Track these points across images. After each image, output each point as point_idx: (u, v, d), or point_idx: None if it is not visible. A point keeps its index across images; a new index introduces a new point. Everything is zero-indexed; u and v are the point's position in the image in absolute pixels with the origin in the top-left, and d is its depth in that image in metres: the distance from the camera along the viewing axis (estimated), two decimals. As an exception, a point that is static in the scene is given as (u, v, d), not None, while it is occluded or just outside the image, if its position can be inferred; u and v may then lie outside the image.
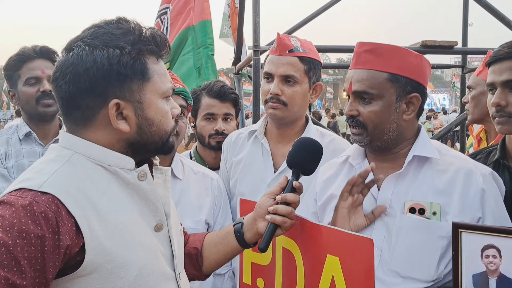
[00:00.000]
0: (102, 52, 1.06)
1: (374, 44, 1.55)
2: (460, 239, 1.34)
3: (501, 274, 1.28)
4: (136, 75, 1.09)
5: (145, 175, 1.15)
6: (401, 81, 1.51)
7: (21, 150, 2.19)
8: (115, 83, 1.08)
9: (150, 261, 1.12)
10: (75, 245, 1.01)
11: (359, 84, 1.52)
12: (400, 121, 1.54)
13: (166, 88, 1.17)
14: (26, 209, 0.96)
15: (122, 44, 1.07)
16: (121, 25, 1.10)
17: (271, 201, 1.37)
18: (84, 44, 1.07)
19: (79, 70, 1.06)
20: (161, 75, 1.15)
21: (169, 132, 1.19)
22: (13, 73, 2.18)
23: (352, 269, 1.24)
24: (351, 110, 1.55)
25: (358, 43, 1.59)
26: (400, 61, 1.51)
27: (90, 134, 1.12)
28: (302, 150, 1.41)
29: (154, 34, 1.13)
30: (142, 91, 1.11)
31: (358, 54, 1.57)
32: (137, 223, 1.13)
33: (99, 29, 1.10)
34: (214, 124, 2.27)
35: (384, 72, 1.51)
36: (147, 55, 1.12)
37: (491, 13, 3.77)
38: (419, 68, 1.54)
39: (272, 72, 1.96)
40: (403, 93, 1.51)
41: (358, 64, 1.56)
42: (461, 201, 1.46)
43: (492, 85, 1.69)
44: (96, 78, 1.06)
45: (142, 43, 1.10)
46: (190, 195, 1.96)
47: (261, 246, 1.31)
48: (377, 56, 1.52)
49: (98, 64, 1.05)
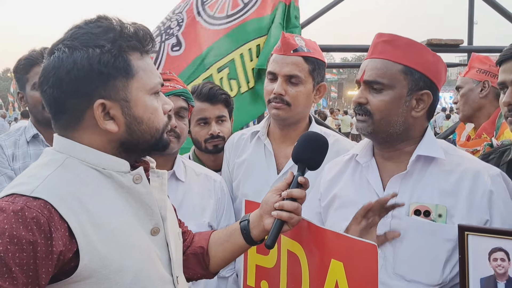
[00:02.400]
0: (81, 52, 1.04)
1: (393, 36, 1.53)
2: (467, 242, 1.31)
3: (510, 277, 1.25)
4: (119, 72, 1.07)
5: (140, 178, 1.13)
6: (414, 75, 1.49)
7: (28, 152, 2.21)
8: (98, 83, 1.06)
9: (146, 266, 1.11)
10: (68, 251, 0.99)
11: (372, 73, 1.50)
12: (408, 116, 1.51)
13: (154, 84, 1.14)
14: (17, 215, 0.95)
15: (102, 43, 1.05)
16: (101, 24, 1.09)
17: (277, 197, 1.35)
18: (64, 46, 1.06)
19: (60, 74, 1.05)
20: (146, 71, 1.13)
21: (161, 129, 1.17)
22: (22, 76, 2.21)
23: (356, 274, 1.23)
24: (360, 97, 1.53)
25: (377, 34, 1.58)
26: (417, 56, 1.49)
27: (80, 137, 1.10)
28: (307, 145, 1.39)
29: (137, 29, 1.11)
30: (128, 89, 1.09)
31: (375, 44, 1.55)
32: (133, 227, 1.11)
33: (78, 29, 1.08)
34: (208, 128, 2.23)
35: (399, 63, 1.49)
36: (130, 51, 1.09)
37: (497, 10, 3.74)
38: (435, 67, 1.52)
39: (276, 71, 1.93)
40: (415, 88, 1.49)
41: (374, 53, 1.54)
42: (468, 203, 1.43)
43: (503, 84, 1.66)
44: (78, 80, 1.04)
45: (123, 39, 1.08)
46: (192, 197, 1.94)
47: (268, 243, 1.29)
48: (395, 47, 1.50)
49: (78, 65, 1.04)
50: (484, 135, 2.48)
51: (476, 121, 2.63)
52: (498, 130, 2.43)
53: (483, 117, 2.57)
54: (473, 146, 2.49)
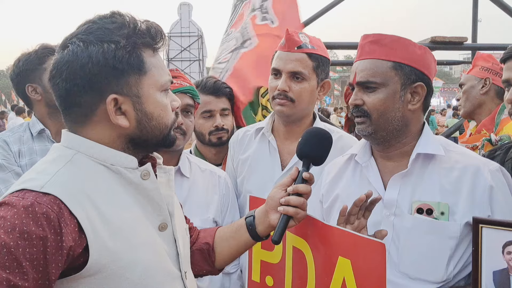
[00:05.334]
0: (97, 47, 1.04)
1: (378, 35, 1.54)
2: (481, 234, 1.30)
3: (523, 271, 1.24)
4: (133, 69, 1.08)
5: (148, 174, 1.14)
6: (405, 69, 1.49)
7: (34, 148, 2.18)
8: (112, 78, 1.06)
9: (154, 261, 1.11)
10: (78, 246, 0.99)
11: (363, 74, 1.51)
12: (405, 111, 1.51)
13: (164, 81, 1.15)
14: (27, 210, 0.95)
15: (117, 38, 1.06)
16: (115, 19, 1.09)
17: (283, 192, 1.35)
18: (79, 40, 1.06)
19: (74, 67, 1.05)
20: (158, 68, 1.14)
21: (169, 125, 1.18)
22: (37, 66, 2.15)
23: (363, 272, 1.22)
24: (355, 99, 1.53)
25: (362, 36, 1.59)
26: (404, 51, 1.50)
27: (91, 132, 1.11)
28: (311, 140, 1.39)
29: (149, 26, 1.12)
30: (140, 85, 1.10)
31: (362, 45, 1.57)
32: (141, 222, 1.12)
33: (93, 24, 1.08)
34: (213, 120, 2.24)
35: (388, 60, 1.50)
36: (143, 48, 1.10)
37: (502, 8, 3.72)
38: (423, 58, 1.52)
39: (280, 68, 1.93)
40: (407, 82, 1.50)
41: (362, 55, 1.55)
42: (469, 200, 1.43)
43: (507, 82, 1.67)
44: (92, 74, 1.05)
45: (137, 36, 1.09)
46: (197, 193, 1.94)
47: (274, 238, 1.29)
48: (381, 46, 1.51)
49: (94, 59, 1.04)
50: (483, 131, 2.51)
51: (477, 117, 2.67)
52: (498, 126, 2.47)
53: (484, 114, 2.61)
54: (473, 142, 2.54)
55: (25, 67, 2.17)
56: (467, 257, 1.42)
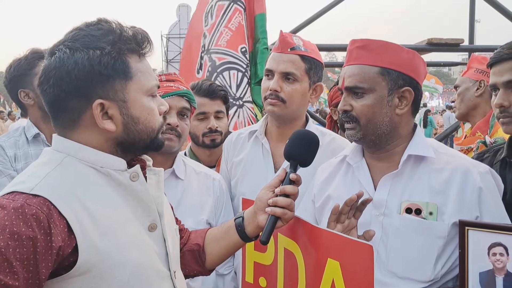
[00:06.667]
0: (82, 54, 1.07)
1: (365, 41, 1.55)
2: (467, 237, 1.33)
3: (508, 272, 1.27)
4: (118, 74, 1.10)
5: (137, 176, 1.16)
6: (392, 74, 1.51)
7: (29, 152, 2.19)
8: (98, 83, 1.09)
9: (144, 260, 1.13)
10: (67, 246, 1.01)
11: (351, 80, 1.53)
12: (393, 115, 1.53)
13: (151, 86, 1.17)
14: (17, 212, 0.97)
15: (102, 45, 1.08)
16: (101, 26, 1.12)
17: (271, 194, 1.37)
18: (65, 47, 1.09)
19: (61, 73, 1.07)
20: (144, 73, 1.16)
21: (156, 129, 1.20)
22: (28, 72, 2.17)
23: (352, 274, 1.23)
24: (344, 105, 1.55)
25: (350, 41, 1.60)
26: (391, 56, 1.52)
27: (79, 136, 1.13)
28: (298, 142, 1.41)
29: (135, 33, 1.14)
30: (126, 90, 1.12)
31: (350, 51, 1.58)
32: (131, 223, 1.14)
33: (79, 31, 1.11)
34: (207, 122, 2.27)
35: (375, 66, 1.51)
36: (129, 54, 1.13)
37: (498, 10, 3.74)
38: (411, 63, 1.53)
39: (273, 68, 1.95)
40: (394, 87, 1.51)
41: (350, 60, 1.57)
42: (458, 201, 1.44)
43: (494, 86, 1.70)
44: (78, 80, 1.07)
45: (122, 42, 1.11)
46: (192, 195, 1.95)
47: (262, 239, 1.30)
48: (369, 51, 1.53)
49: (80, 66, 1.07)
50: (478, 133, 2.53)
51: (472, 119, 2.69)
52: (492, 128, 2.48)
53: (478, 116, 2.63)
54: (467, 144, 2.56)
55: (16, 73, 2.19)
56: (455, 258, 1.44)
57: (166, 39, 27.97)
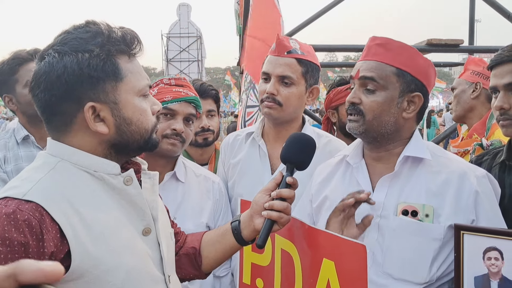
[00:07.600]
0: (71, 57, 1.06)
1: (386, 39, 1.56)
2: (462, 241, 1.33)
3: (503, 276, 1.27)
4: (108, 76, 1.10)
5: (131, 180, 1.15)
6: (406, 77, 1.51)
7: (19, 154, 2.19)
8: (88, 86, 1.08)
9: (137, 265, 1.12)
10: (60, 252, 1.01)
11: (367, 71, 1.53)
12: (399, 117, 1.53)
13: (142, 86, 1.16)
14: (9, 217, 0.97)
15: (91, 47, 1.08)
16: (89, 29, 1.11)
17: (267, 197, 1.36)
18: (54, 51, 1.08)
19: (51, 78, 1.07)
20: (135, 73, 1.15)
21: (150, 129, 1.19)
22: (9, 78, 2.17)
23: (346, 273, 1.24)
24: (353, 97, 1.55)
25: (370, 37, 1.60)
26: (409, 59, 1.52)
27: (72, 139, 1.12)
28: (294, 145, 1.40)
29: (124, 33, 1.13)
30: (117, 91, 1.11)
31: (369, 47, 1.58)
32: (124, 227, 1.13)
33: (68, 35, 1.10)
34: (199, 121, 2.29)
35: (392, 66, 1.51)
36: (118, 55, 1.12)
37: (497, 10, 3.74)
38: (426, 71, 1.55)
39: (270, 72, 1.96)
40: (406, 90, 1.52)
41: (368, 55, 1.57)
42: (454, 204, 1.45)
43: (494, 89, 1.69)
44: (68, 84, 1.07)
45: (111, 44, 1.10)
46: (191, 198, 1.96)
47: (258, 243, 1.30)
48: (387, 50, 1.53)
49: (69, 69, 1.06)
50: (475, 135, 2.53)
51: (468, 121, 2.69)
52: (489, 131, 2.48)
53: (475, 118, 2.63)
54: (464, 146, 2.55)
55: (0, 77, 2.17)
56: (450, 260, 1.44)
57: (167, 38, 27.99)
